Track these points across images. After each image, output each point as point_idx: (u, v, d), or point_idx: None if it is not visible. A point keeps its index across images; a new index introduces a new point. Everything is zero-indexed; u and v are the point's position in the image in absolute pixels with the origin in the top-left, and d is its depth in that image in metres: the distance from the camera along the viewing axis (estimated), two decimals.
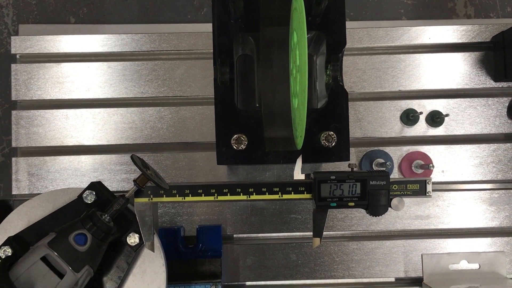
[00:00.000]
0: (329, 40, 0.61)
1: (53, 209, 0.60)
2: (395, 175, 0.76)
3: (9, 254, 0.56)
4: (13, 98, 0.77)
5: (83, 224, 0.54)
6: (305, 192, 0.57)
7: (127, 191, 0.56)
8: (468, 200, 0.76)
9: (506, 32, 0.74)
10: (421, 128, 0.77)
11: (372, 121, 0.77)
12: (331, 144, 0.59)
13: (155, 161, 0.76)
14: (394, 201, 0.57)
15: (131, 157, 0.53)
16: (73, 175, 0.76)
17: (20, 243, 0.57)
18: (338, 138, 0.59)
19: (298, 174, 0.58)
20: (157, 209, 0.62)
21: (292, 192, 0.57)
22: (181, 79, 0.77)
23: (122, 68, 0.77)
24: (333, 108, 0.60)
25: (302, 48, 0.50)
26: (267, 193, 0.57)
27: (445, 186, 0.77)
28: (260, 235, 0.76)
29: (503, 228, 0.76)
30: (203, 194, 0.57)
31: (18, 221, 0.61)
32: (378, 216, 0.57)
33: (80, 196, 0.59)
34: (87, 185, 0.60)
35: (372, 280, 0.76)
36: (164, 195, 0.57)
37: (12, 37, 0.78)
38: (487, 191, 0.76)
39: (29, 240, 0.57)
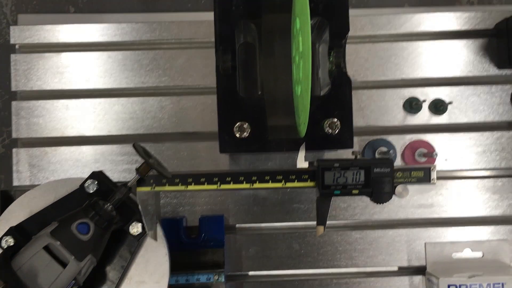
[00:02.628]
0: (332, 26, 0.60)
1: (55, 199, 0.60)
2: (398, 163, 0.75)
3: (11, 244, 0.55)
4: (12, 89, 0.76)
5: (85, 213, 0.54)
6: (309, 180, 0.57)
7: (129, 182, 0.56)
8: (472, 188, 0.76)
9: (510, 19, 0.74)
10: (424, 116, 0.76)
11: (374, 109, 0.76)
12: (335, 132, 0.58)
13: (156, 152, 0.75)
14: (399, 188, 0.57)
15: (133, 146, 0.53)
16: (74, 166, 0.75)
17: (22, 233, 0.56)
18: (341, 125, 0.59)
19: (302, 162, 0.57)
20: (160, 198, 0.62)
21: (296, 180, 0.57)
22: (182, 69, 0.77)
23: (123, 57, 0.77)
24: (336, 95, 0.59)
25: (305, 33, 0.49)
26: (270, 181, 0.57)
27: (448, 174, 0.76)
28: (262, 225, 0.76)
29: (506, 216, 0.76)
30: (206, 183, 0.57)
31: (19, 211, 0.60)
32: (383, 203, 0.57)
33: (82, 186, 0.59)
34: (88, 175, 0.59)
35: (375, 269, 0.76)
36: (167, 184, 0.56)
37: (11, 27, 0.77)
38: (491, 179, 0.76)
39: (31, 230, 0.57)
